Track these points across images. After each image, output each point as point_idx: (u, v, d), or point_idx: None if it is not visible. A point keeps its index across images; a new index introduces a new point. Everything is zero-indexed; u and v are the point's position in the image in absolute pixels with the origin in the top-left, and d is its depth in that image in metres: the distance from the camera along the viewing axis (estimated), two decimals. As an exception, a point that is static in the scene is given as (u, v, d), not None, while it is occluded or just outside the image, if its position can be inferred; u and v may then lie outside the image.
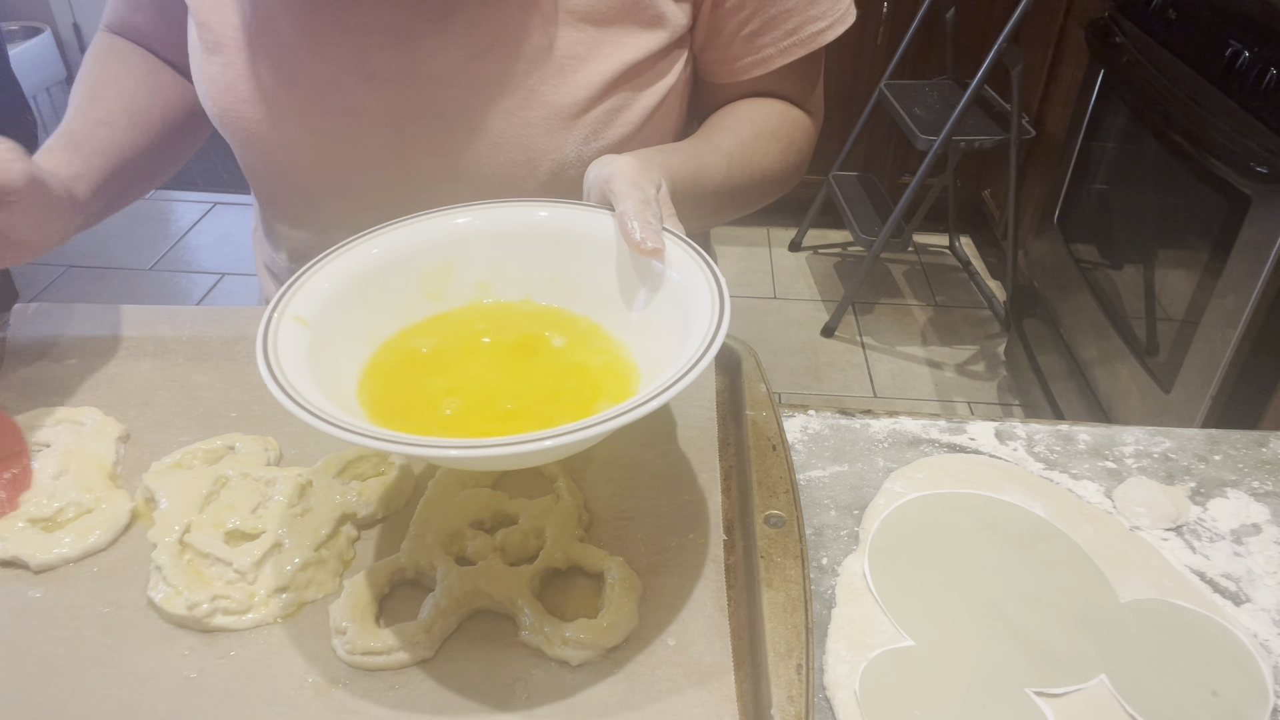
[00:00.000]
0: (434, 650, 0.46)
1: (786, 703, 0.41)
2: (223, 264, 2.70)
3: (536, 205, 0.54)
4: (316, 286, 0.48)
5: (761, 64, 0.67)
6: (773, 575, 0.47)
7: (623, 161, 0.52)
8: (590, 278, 0.52)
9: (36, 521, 0.52)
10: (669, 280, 0.49)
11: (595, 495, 0.54)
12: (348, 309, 0.49)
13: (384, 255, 0.51)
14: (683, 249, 0.49)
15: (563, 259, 0.53)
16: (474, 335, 0.52)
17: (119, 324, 0.64)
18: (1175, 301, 1.47)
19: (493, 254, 0.53)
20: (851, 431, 0.64)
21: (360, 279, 0.50)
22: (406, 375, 0.49)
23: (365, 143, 0.64)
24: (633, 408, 0.38)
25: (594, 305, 0.53)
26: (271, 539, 0.50)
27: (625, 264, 0.51)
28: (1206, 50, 1.38)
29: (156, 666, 0.45)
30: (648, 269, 0.50)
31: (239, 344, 0.64)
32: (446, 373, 0.49)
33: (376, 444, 0.37)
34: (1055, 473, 0.61)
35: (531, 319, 0.53)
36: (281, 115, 0.63)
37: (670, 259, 0.49)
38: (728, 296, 0.45)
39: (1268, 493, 0.60)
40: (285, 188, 0.70)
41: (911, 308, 2.54)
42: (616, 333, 0.52)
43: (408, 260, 0.52)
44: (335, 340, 0.47)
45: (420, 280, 0.52)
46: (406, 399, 0.47)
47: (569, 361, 0.51)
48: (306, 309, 0.46)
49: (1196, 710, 0.46)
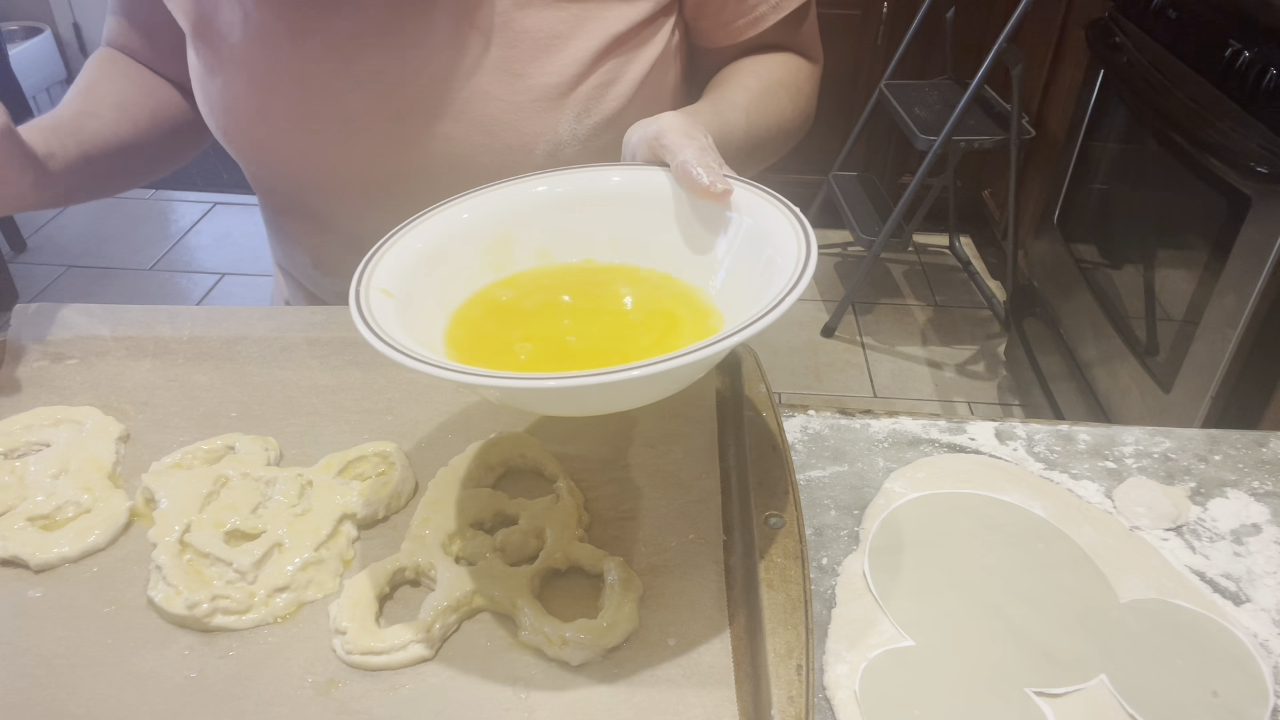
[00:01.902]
0: (434, 650, 0.46)
1: (786, 703, 0.41)
2: (223, 264, 2.70)
3: (585, 170, 0.54)
4: (390, 264, 0.48)
5: (755, 23, 0.67)
6: (773, 575, 0.47)
7: (669, 117, 0.52)
8: (651, 233, 0.53)
9: (36, 520, 0.52)
10: (737, 223, 0.49)
11: (595, 495, 0.54)
12: (420, 284, 0.49)
13: (446, 230, 0.51)
14: (751, 191, 0.49)
15: (619, 219, 0.53)
16: (547, 292, 0.52)
17: (119, 324, 0.64)
18: (1175, 301, 1.47)
19: (549, 222, 0.53)
20: (851, 431, 0.64)
21: (428, 255, 0.50)
22: (486, 334, 0.49)
23: (364, 144, 0.64)
24: (728, 335, 0.38)
25: (659, 258, 0.53)
26: (271, 539, 0.50)
27: (687, 214, 0.51)
28: (1206, 50, 1.38)
29: (156, 666, 0.45)
30: (713, 215, 0.50)
31: (239, 344, 0.64)
32: (525, 327, 0.50)
33: (502, 383, 0.38)
34: (1055, 473, 0.61)
35: (599, 275, 0.53)
36: (281, 127, 0.64)
37: (738, 203, 0.49)
38: (809, 227, 0.45)
39: (1268, 493, 0.60)
40: (296, 197, 0.70)
41: (911, 308, 2.54)
42: (687, 280, 0.52)
43: (468, 234, 0.52)
44: (417, 311, 0.48)
45: (482, 253, 0.52)
46: (490, 354, 0.48)
47: (645, 310, 0.51)
48: (389, 282, 0.47)
49: (1196, 710, 0.46)
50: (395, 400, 0.61)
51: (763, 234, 0.47)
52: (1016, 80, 1.99)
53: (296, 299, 0.82)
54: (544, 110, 0.62)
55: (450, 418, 0.60)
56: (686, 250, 0.52)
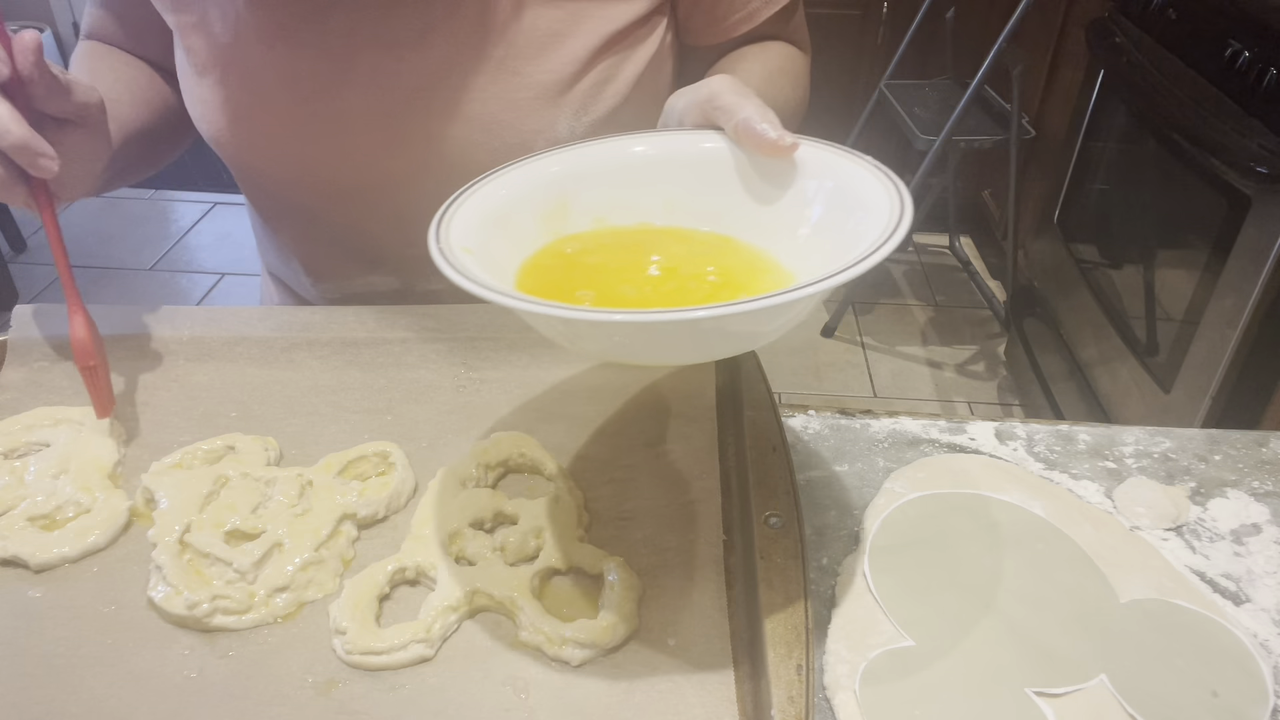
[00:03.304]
0: (434, 650, 0.46)
1: (786, 703, 0.41)
2: (223, 264, 2.70)
3: (637, 136, 0.54)
4: (459, 225, 0.48)
5: (749, 18, 0.68)
6: (773, 575, 0.47)
7: (719, 79, 0.52)
8: (708, 195, 0.52)
9: (36, 520, 0.52)
10: (807, 180, 0.49)
11: (595, 495, 0.54)
12: (487, 245, 0.48)
13: (506, 194, 0.50)
14: (824, 148, 0.49)
15: (673, 183, 0.53)
16: (607, 252, 0.52)
17: (119, 324, 0.64)
18: (1175, 301, 1.47)
19: (603, 187, 0.53)
20: (851, 431, 0.64)
21: (491, 219, 0.49)
22: (550, 283, 0.49)
23: (361, 145, 0.64)
24: (833, 275, 0.37)
25: (717, 220, 0.52)
26: (271, 539, 0.50)
27: (748, 174, 0.51)
28: (1206, 50, 1.38)
29: (156, 666, 0.45)
30: (777, 174, 0.50)
31: (239, 344, 0.64)
32: (588, 279, 0.49)
33: (602, 317, 0.37)
34: (1055, 473, 0.61)
35: (656, 237, 0.53)
36: (275, 128, 0.64)
37: (808, 160, 0.49)
38: (895, 177, 0.45)
39: (1268, 493, 0.60)
40: (289, 201, 0.70)
41: (911, 308, 2.54)
42: (749, 240, 0.51)
43: (525, 201, 0.51)
44: (488, 268, 0.47)
45: (540, 220, 0.52)
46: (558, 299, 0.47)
47: (709, 269, 0.50)
48: (464, 242, 0.46)
49: (1196, 710, 0.46)
50: (395, 400, 0.61)
51: (842, 189, 0.47)
52: (1016, 80, 1.99)
53: (287, 305, 0.82)
54: (542, 108, 0.62)
55: (450, 418, 0.60)
56: (749, 211, 0.51)
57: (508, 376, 0.62)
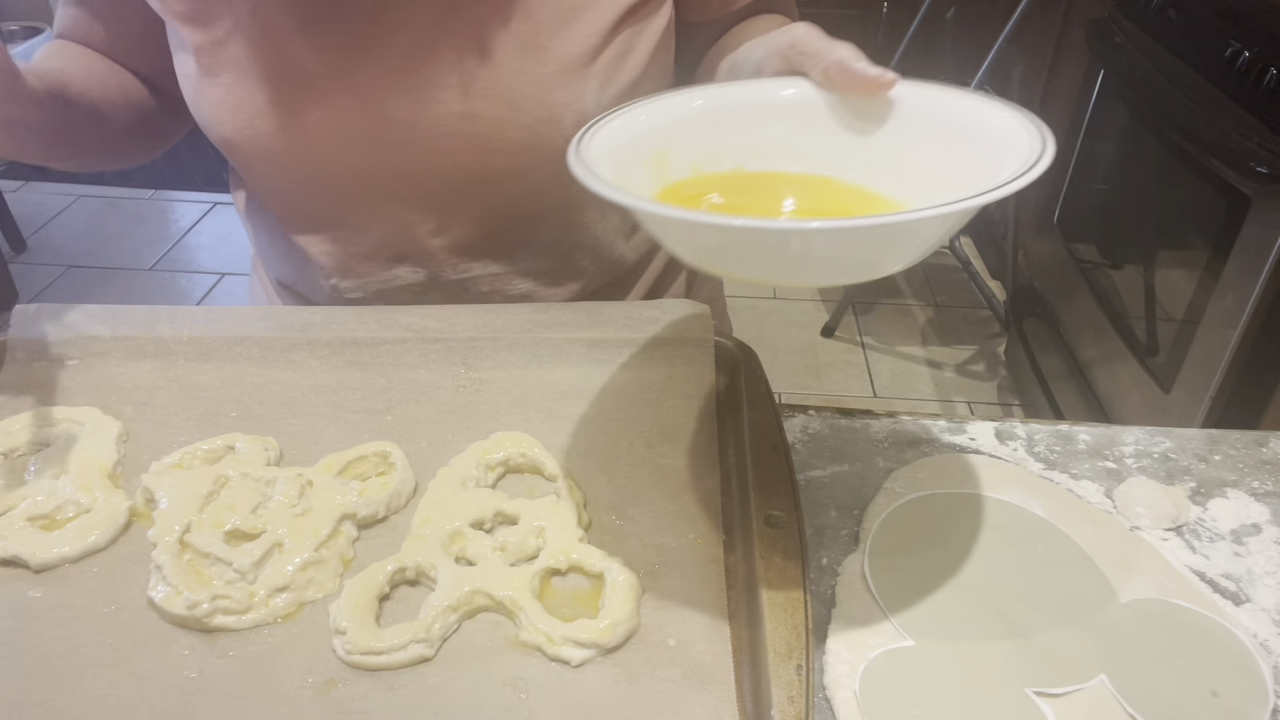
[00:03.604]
0: (434, 650, 0.46)
1: (786, 703, 0.41)
2: (223, 264, 2.70)
3: (727, 86, 0.54)
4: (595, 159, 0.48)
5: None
6: (773, 575, 0.47)
7: (800, 27, 0.53)
8: (805, 138, 0.53)
9: (36, 520, 0.52)
10: (908, 114, 0.50)
11: (595, 495, 0.54)
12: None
13: (611, 144, 0.50)
14: (917, 83, 0.50)
15: (768, 129, 0.53)
16: (735, 196, 0.52)
17: (119, 324, 0.64)
18: (1175, 301, 1.47)
19: (700, 137, 0.53)
20: (851, 431, 0.64)
21: (609, 164, 0.50)
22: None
23: (390, 132, 0.63)
24: (995, 189, 0.38)
25: (818, 163, 0.53)
26: (271, 539, 0.50)
27: (842, 114, 0.52)
28: (1206, 50, 1.38)
29: (156, 666, 0.45)
30: (875, 113, 0.51)
31: (239, 344, 0.64)
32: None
33: (742, 223, 0.39)
34: (1055, 473, 0.61)
35: (761, 181, 0.53)
36: (299, 125, 0.63)
37: (904, 96, 0.50)
38: (1031, 114, 0.45)
39: (1268, 493, 0.60)
40: (309, 198, 0.69)
41: (911, 308, 2.54)
42: (854, 180, 0.52)
43: (629, 149, 0.51)
44: None
45: (646, 169, 0.52)
46: None
47: (826, 205, 0.51)
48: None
49: (1196, 710, 0.46)
50: (395, 400, 0.61)
51: (951, 123, 0.48)
52: (1016, 80, 1.99)
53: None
54: (569, 81, 0.62)
55: (450, 418, 0.60)
56: (850, 151, 0.52)
57: (508, 376, 0.62)
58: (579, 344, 0.63)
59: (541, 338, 0.63)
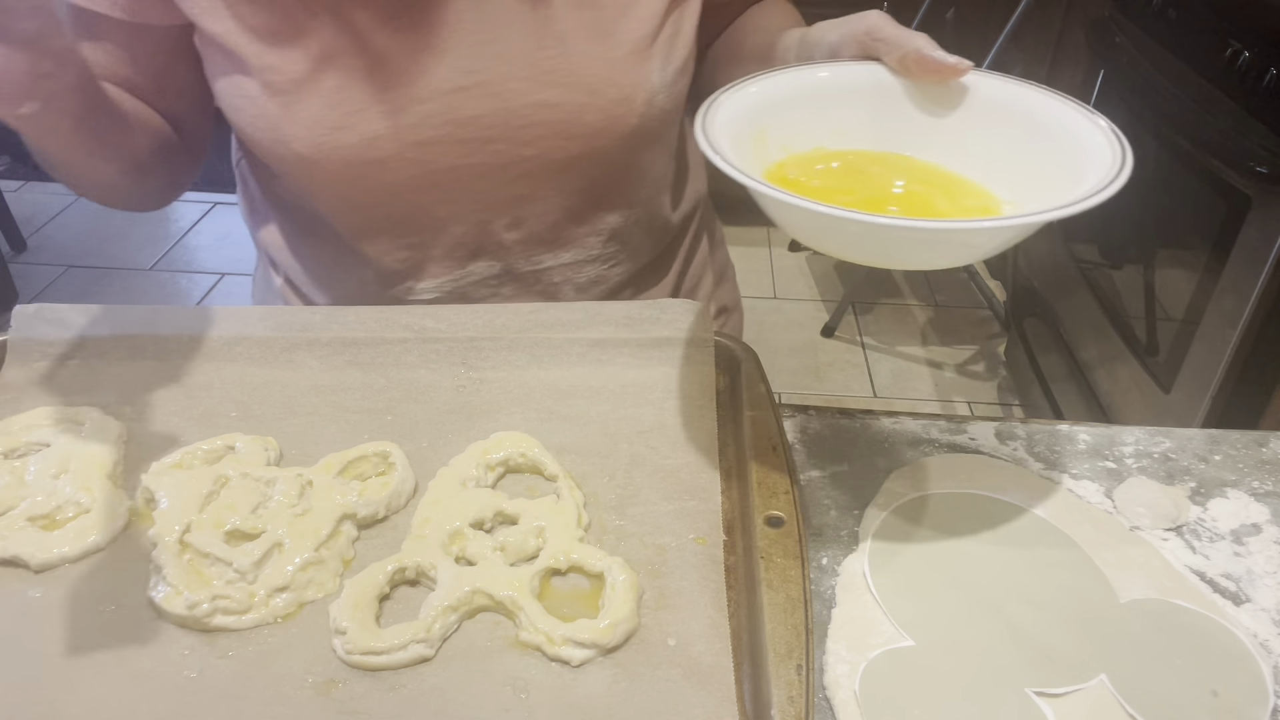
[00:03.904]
0: (434, 650, 0.46)
1: (786, 703, 0.41)
2: (223, 264, 2.70)
3: (807, 68, 0.57)
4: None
5: None
6: (773, 575, 0.47)
7: (873, 15, 0.57)
8: (883, 120, 0.56)
9: (36, 520, 0.52)
10: (981, 99, 0.54)
11: (595, 495, 0.54)
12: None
13: (725, 128, 0.53)
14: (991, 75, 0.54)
15: (846, 110, 0.57)
16: (830, 177, 0.56)
17: (119, 324, 0.64)
18: (1175, 301, 1.47)
19: (789, 117, 0.56)
20: (851, 431, 0.64)
21: (723, 142, 0.52)
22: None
23: (468, 129, 0.64)
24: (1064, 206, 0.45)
25: (896, 143, 0.56)
26: (271, 539, 0.50)
27: (919, 98, 0.55)
28: (1206, 50, 1.38)
29: (156, 666, 0.45)
30: (952, 98, 0.54)
31: (239, 344, 0.64)
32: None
33: (849, 216, 0.42)
34: (1055, 473, 0.61)
35: (858, 160, 0.57)
36: (384, 128, 0.62)
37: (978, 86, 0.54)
38: (1107, 120, 0.50)
39: (1268, 493, 0.60)
40: (388, 207, 0.68)
41: (911, 308, 2.54)
42: (929, 158, 0.56)
43: (739, 131, 0.54)
44: None
45: (749, 148, 0.54)
46: None
47: (903, 180, 0.55)
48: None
49: (1196, 710, 0.46)
50: (395, 400, 0.61)
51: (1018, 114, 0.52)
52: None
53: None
54: (637, 63, 0.65)
55: (450, 418, 0.60)
56: (924, 132, 0.56)
57: (508, 376, 0.62)
58: (579, 344, 0.63)
59: (541, 338, 0.63)
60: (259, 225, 0.77)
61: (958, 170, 0.55)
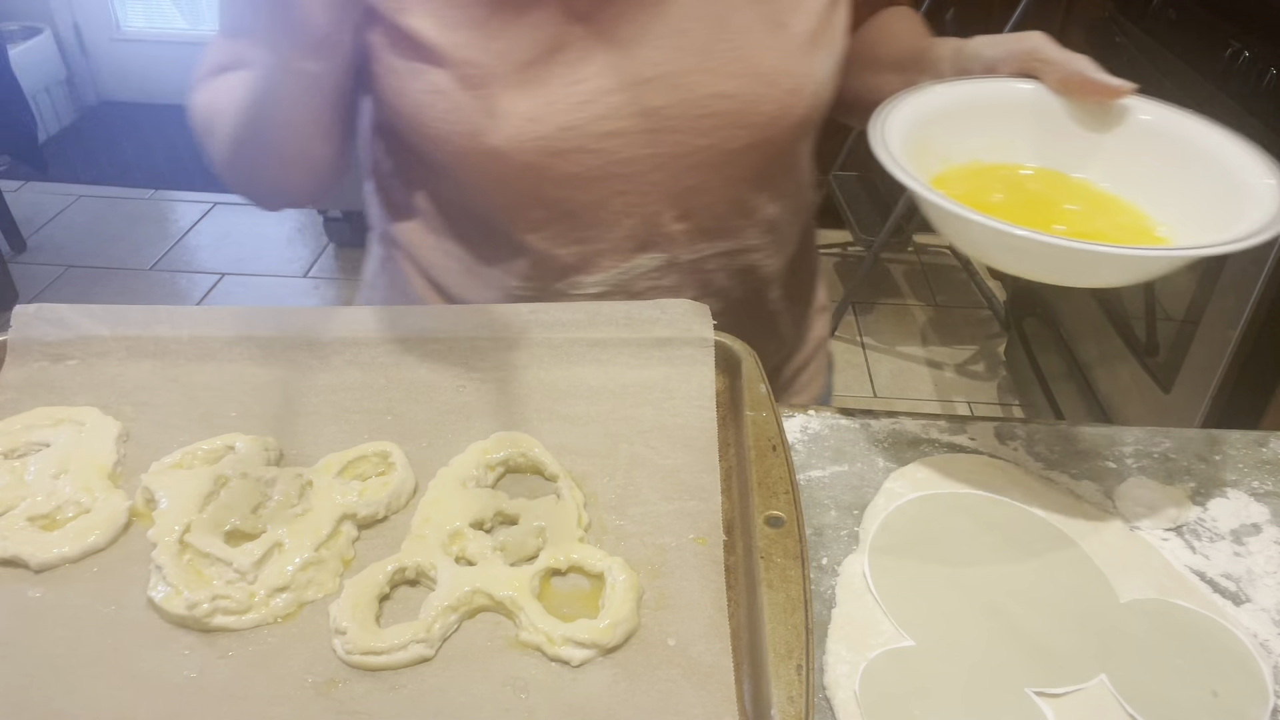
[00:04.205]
0: (434, 650, 0.46)
1: (786, 703, 0.41)
2: (223, 264, 2.70)
3: (965, 83, 0.60)
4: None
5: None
6: (773, 575, 0.47)
7: (1035, 35, 0.59)
8: (1042, 137, 0.58)
9: (36, 520, 0.52)
10: (1140, 123, 0.56)
11: (595, 495, 0.54)
12: None
13: (896, 139, 0.55)
14: (1155, 103, 0.57)
15: (1007, 125, 0.59)
16: (977, 191, 0.58)
17: (119, 324, 0.64)
18: (1175, 301, 1.47)
19: (949, 129, 0.58)
20: (851, 431, 0.64)
21: (899, 151, 0.54)
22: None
23: (651, 121, 0.65)
24: (1231, 242, 0.47)
25: (1053, 160, 0.58)
26: (271, 539, 0.50)
27: (1080, 118, 0.57)
28: (1206, 50, 1.38)
29: (156, 666, 0.45)
30: (1110, 120, 0.56)
31: (239, 344, 0.64)
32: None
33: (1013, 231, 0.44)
34: (1055, 473, 0.61)
35: (999, 172, 0.59)
36: (576, 120, 0.63)
37: (1134, 106, 0.56)
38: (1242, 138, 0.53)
39: (1268, 493, 0.60)
40: (562, 200, 0.68)
41: (911, 308, 2.54)
42: (1085, 176, 0.58)
43: (907, 142, 0.55)
44: None
45: (914, 159, 0.55)
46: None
47: (1069, 201, 0.56)
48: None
49: (1196, 710, 0.46)
50: (395, 400, 0.61)
51: (1182, 142, 0.55)
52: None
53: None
54: (808, 54, 0.66)
55: (450, 418, 0.60)
56: (1089, 153, 0.58)
57: (508, 376, 0.62)
58: (579, 344, 0.63)
59: (541, 338, 0.63)
60: (397, 224, 0.77)
61: (1108, 189, 0.57)
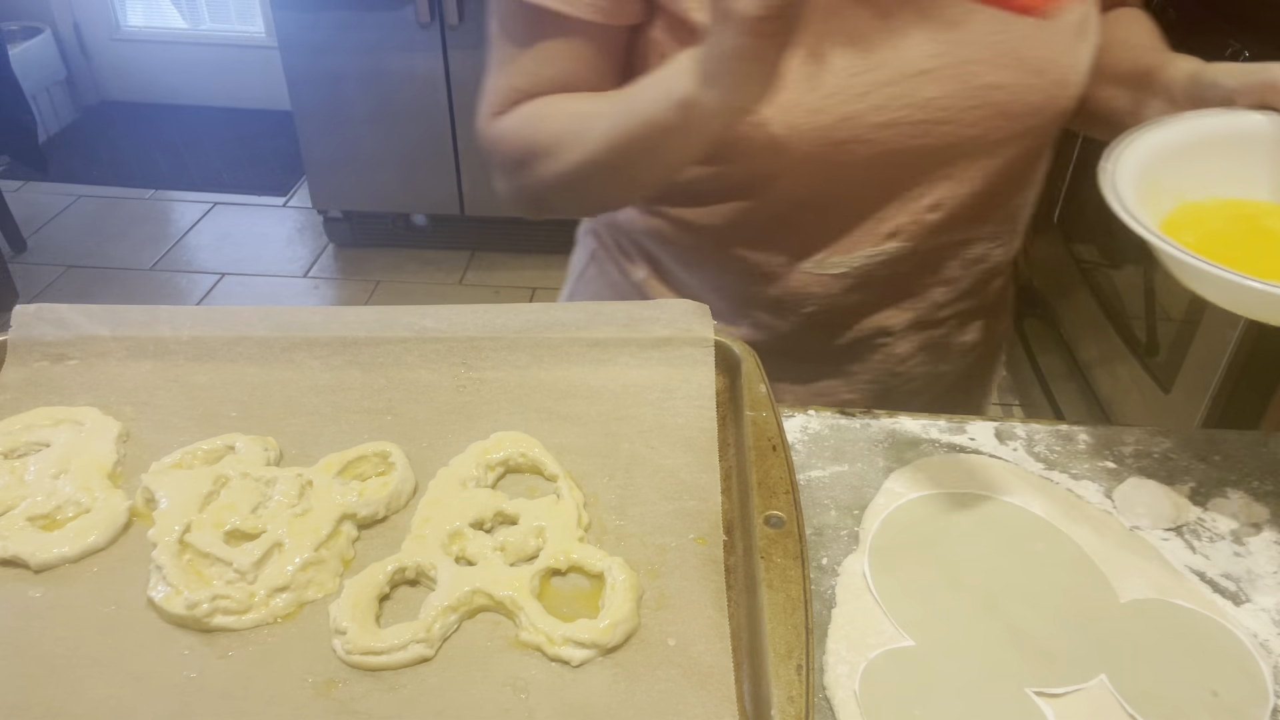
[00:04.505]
0: (434, 650, 0.46)
1: (786, 703, 0.41)
2: (223, 264, 2.70)
3: (1200, 116, 0.59)
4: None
5: None
6: (773, 575, 0.47)
7: (1277, 66, 0.59)
8: (1277, 172, 0.57)
9: (36, 520, 0.52)
10: None
11: (595, 495, 0.54)
12: None
13: (1126, 178, 0.54)
14: None
15: (1244, 159, 0.58)
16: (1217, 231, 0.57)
17: (119, 324, 0.64)
18: (1175, 301, 1.47)
19: (1183, 164, 0.57)
20: (851, 431, 0.64)
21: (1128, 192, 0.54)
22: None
23: (928, 111, 0.65)
24: None
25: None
26: (271, 539, 0.50)
27: None
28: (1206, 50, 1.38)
29: (156, 666, 0.45)
30: None
31: (239, 344, 0.64)
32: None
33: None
34: (1055, 473, 0.61)
35: (1233, 209, 0.58)
36: (850, 110, 0.64)
37: None
38: None
39: (1268, 493, 0.60)
40: (830, 188, 0.69)
41: (911, 308, 2.54)
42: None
43: (1137, 180, 0.55)
44: None
45: (1143, 197, 0.55)
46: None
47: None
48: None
49: (1196, 710, 0.46)
50: (395, 400, 0.61)
51: None
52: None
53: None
54: (1073, 45, 0.67)
55: (450, 418, 0.60)
56: None
57: (508, 376, 0.62)
58: (579, 344, 0.63)
59: (541, 338, 0.63)
60: (621, 216, 0.77)
61: None
